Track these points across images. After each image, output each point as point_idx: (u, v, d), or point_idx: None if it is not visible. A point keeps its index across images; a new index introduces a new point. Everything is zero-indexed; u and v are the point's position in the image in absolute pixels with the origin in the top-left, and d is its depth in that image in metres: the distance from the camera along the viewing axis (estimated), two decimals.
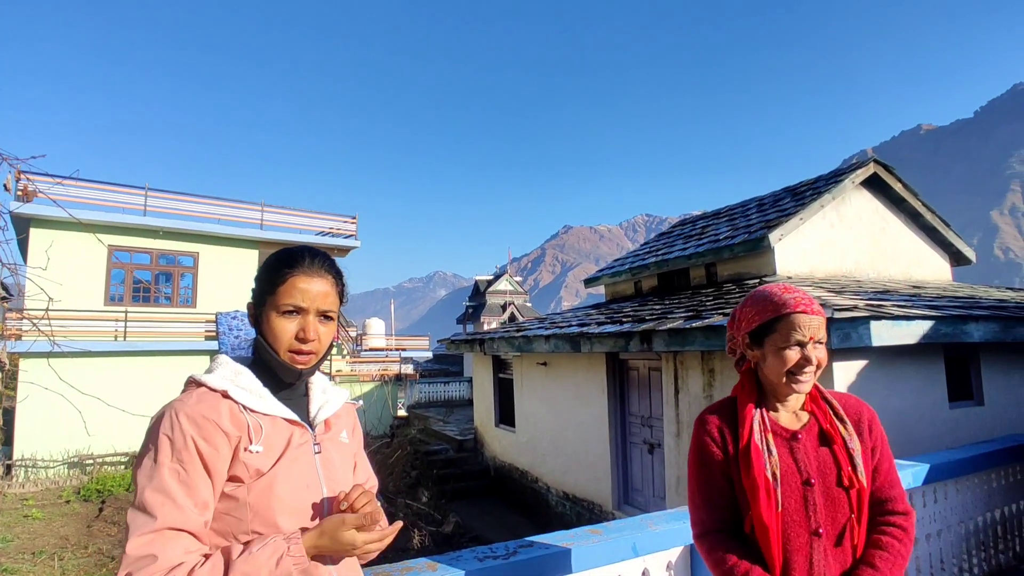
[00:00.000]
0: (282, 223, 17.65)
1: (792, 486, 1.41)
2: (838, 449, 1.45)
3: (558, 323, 9.26)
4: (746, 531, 1.44)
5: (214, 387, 1.13)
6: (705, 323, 5.42)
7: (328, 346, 1.25)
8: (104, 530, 9.84)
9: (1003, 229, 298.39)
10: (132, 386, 13.75)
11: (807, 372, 1.44)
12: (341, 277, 1.29)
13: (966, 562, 3.40)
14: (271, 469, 1.11)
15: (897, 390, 5.15)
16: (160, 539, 0.96)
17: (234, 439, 1.09)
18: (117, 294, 14.91)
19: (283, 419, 1.18)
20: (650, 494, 7.19)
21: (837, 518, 1.41)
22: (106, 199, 14.81)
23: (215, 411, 1.09)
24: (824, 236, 8.01)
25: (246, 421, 1.12)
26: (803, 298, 1.46)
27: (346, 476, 1.27)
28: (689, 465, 1.55)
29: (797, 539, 1.38)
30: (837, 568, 1.40)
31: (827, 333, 4.27)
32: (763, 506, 1.37)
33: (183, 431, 1.04)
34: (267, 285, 1.21)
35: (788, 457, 1.44)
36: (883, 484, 1.48)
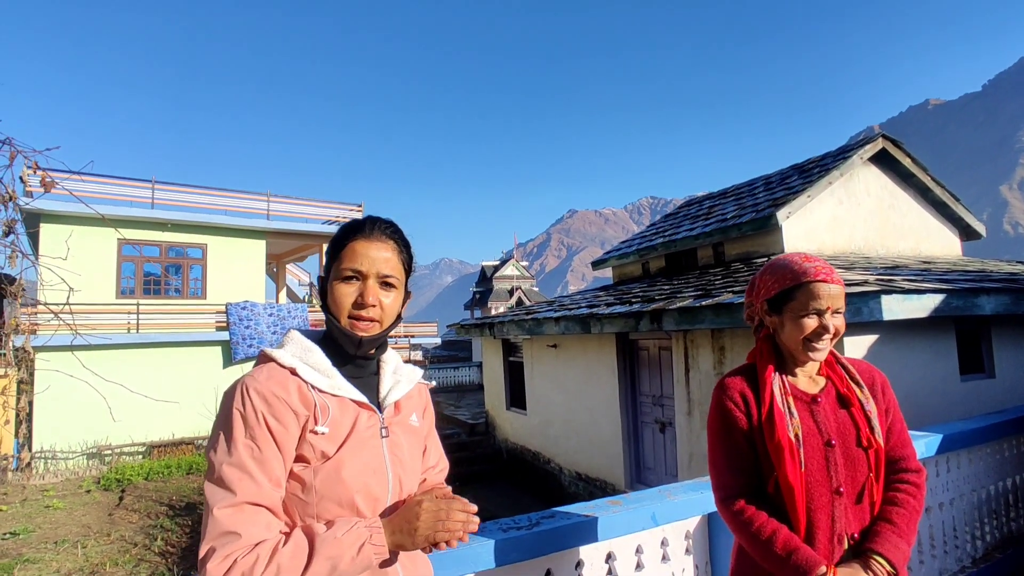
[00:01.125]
0: (289, 213, 17.69)
1: (814, 447, 1.45)
2: (856, 412, 1.49)
3: (567, 305, 9.29)
4: (769, 492, 1.48)
5: (283, 363, 1.12)
6: (715, 301, 5.44)
7: (395, 317, 1.22)
8: (125, 518, 10.01)
9: (1012, 203, 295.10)
10: (146, 378, 13.92)
11: (824, 340, 1.47)
12: (407, 245, 1.26)
13: (979, 530, 3.44)
14: (336, 453, 1.09)
15: (908, 363, 5.17)
16: (242, 514, 0.97)
17: (302, 418, 1.08)
18: (128, 287, 15.04)
19: (351, 400, 1.16)
20: (662, 472, 7.26)
21: (856, 477, 1.45)
22: (114, 192, 14.90)
23: (284, 388, 1.08)
24: (832, 213, 7.97)
25: (313, 400, 1.10)
26: (823, 267, 1.49)
27: (414, 462, 1.24)
28: (710, 431, 1.58)
29: (820, 498, 1.43)
30: (857, 525, 1.45)
31: None
32: (788, 467, 1.41)
33: (255, 408, 1.03)
34: (332, 255, 1.20)
35: (809, 419, 1.48)
36: (896, 444, 1.54)
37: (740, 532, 1.47)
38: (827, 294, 1.45)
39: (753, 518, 1.44)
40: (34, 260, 3.42)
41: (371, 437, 1.16)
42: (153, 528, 9.37)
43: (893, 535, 1.41)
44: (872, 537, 1.42)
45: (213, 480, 0.99)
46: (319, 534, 0.99)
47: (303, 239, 18.53)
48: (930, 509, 3.21)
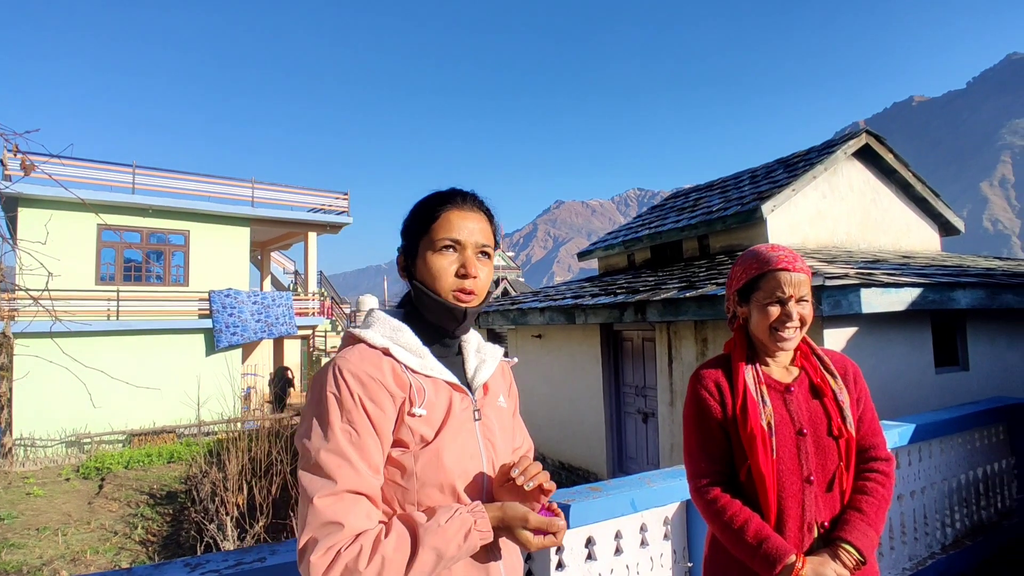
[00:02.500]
0: (273, 200, 17.50)
1: (786, 436, 1.47)
2: (828, 402, 1.52)
3: (552, 296, 9.33)
4: (741, 480, 1.50)
5: (375, 344, 1.07)
6: (698, 293, 5.49)
7: (488, 289, 1.18)
8: (105, 506, 9.94)
9: (992, 200, 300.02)
10: (127, 365, 13.78)
11: (789, 328, 1.49)
12: (493, 216, 1.22)
13: (949, 517, 3.54)
14: (436, 438, 1.05)
15: (886, 356, 5.26)
16: (342, 503, 0.92)
17: (399, 400, 1.03)
18: (108, 273, 14.82)
19: (444, 382, 1.11)
20: (644, 462, 7.34)
21: (827, 466, 1.48)
22: (94, 177, 14.64)
23: (379, 370, 1.03)
24: (816, 207, 8.06)
25: (408, 381, 1.05)
26: (787, 256, 1.52)
27: (506, 444, 1.20)
28: (685, 420, 1.60)
29: (791, 486, 1.45)
30: (827, 513, 1.47)
31: (818, 299, 4.31)
32: (760, 455, 1.43)
33: (351, 390, 0.98)
34: (420, 226, 1.14)
35: (782, 408, 1.50)
36: (867, 432, 1.56)
37: (713, 520, 1.49)
38: (790, 282, 1.49)
39: (726, 507, 1.46)
40: (13, 244, 3.37)
41: (467, 420, 1.12)
42: (133, 517, 9.31)
43: (862, 523, 1.44)
44: (841, 525, 1.45)
45: (309, 468, 0.95)
46: (421, 524, 0.95)
47: (288, 227, 18.36)
48: (902, 497, 3.29)
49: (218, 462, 8.73)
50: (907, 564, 3.25)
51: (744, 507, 1.46)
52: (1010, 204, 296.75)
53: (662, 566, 2.31)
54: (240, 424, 11.43)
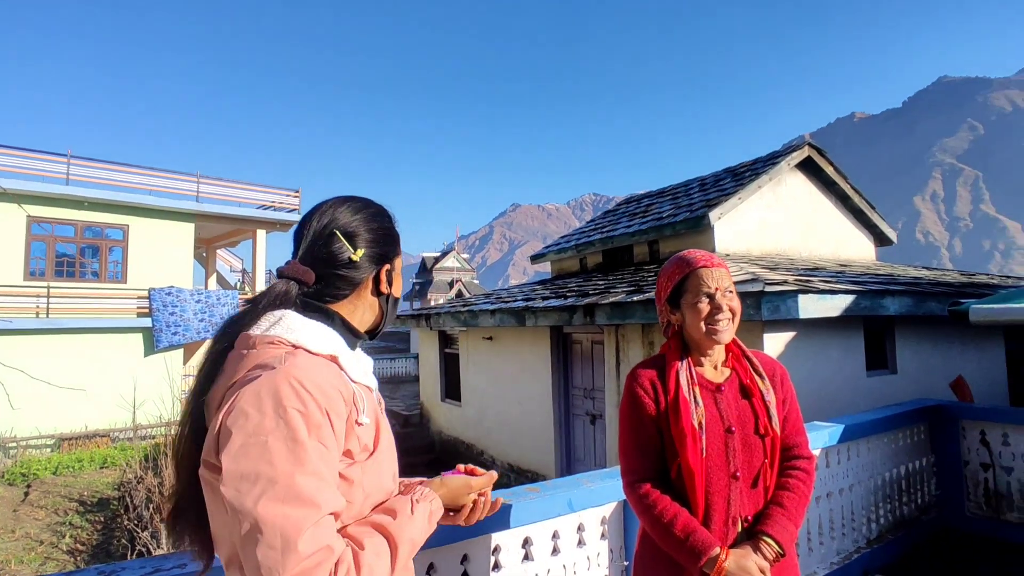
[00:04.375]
0: (220, 196, 16.91)
1: (716, 434, 1.52)
2: (756, 401, 1.58)
3: (504, 298, 9.34)
4: (672, 476, 1.55)
5: (320, 351, 1.00)
6: (646, 296, 5.60)
7: None
8: (31, 514, 9.38)
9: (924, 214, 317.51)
10: (57, 366, 13.06)
11: (721, 320, 1.55)
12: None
13: (874, 513, 3.70)
14: (377, 445, 1.04)
15: (822, 359, 5.48)
16: (328, 528, 0.86)
17: (349, 410, 0.98)
18: (38, 268, 14.01)
19: (365, 385, 1.10)
20: (592, 463, 7.42)
21: (753, 463, 1.54)
22: (24, 166, 13.81)
23: (337, 379, 0.97)
24: (761, 216, 8.34)
25: (352, 389, 1.01)
26: (703, 256, 1.61)
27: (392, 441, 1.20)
28: (621, 417, 1.63)
29: (718, 482, 1.50)
30: (752, 507, 1.53)
31: (758, 304, 4.43)
32: (690, 452, 1.48)
33: (317, 403, 0.89)
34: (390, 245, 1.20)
35: (713, 407, 1.55)
36: (791, 432, 1.63)
37: (644, 515, 1.53)
38: (711, 276, 1.57)
39: (656, 502, 1.50)
40: None
41: (385, 419, 1.14)
42: (61, 525, 8.83)
43: (783, 518, 1.51)
44: (764, 520, 1.51)
45: (281, 498, 0.82)
46: (391, 523, 0.96)
47: (236, 224, 17.77)
48: (831, 494, 3.42)
49: (155, 467, 8.37)
50: (835, 559, 3.39)
51: (673, 502, 1.50)
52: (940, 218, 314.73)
53: (599, 565, 2.33)
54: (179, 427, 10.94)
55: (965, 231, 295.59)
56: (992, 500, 4.01)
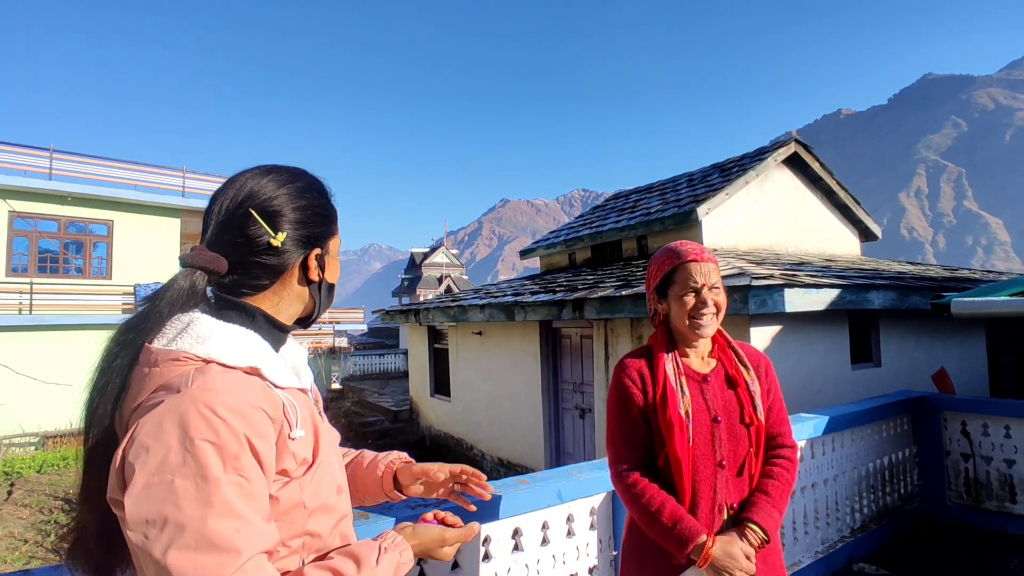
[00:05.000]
0: (207, 191, 16.75)
1: (702, 423, 1.55)
2: (741, 392, 1.60)
3: (493, 293, 9.35)
4: (659, 465, 1.57)
5: (236, 364, 0.85)
6: (634, 291, 5.63)
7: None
8: (15, 513, 9.28)
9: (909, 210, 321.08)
10: (41, 363, 12.89)
11: (705, 315, 1.57)
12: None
13: (858, 503, 3.77)
14: (316, 456, 0.92)
15: (808, 352, 5.55)
16: (252, 571, 0.74)
17: (277, 427, 0.85)
18: (20, 264, 13.82)
19: (298, 389, 0.96)
20: (581, 457, 7.46)
21: (738, 451, 1.56)
22: (5, 160, 13.60)
23: (256, 395, 0.83)
24: (748, 211, 8.40)
25: (281, 401, 0.87)
26: (694, 249, 1.61)
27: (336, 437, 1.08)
28: (609, 407, 1.65)
29: (704, 470, 1.53)
30: (737, 495, 1.56)
31: (745, 298, 4.46)
32: (677, 442, 1.50)
33: (233, 431, 0.77)
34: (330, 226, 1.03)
35: (699, 397, 1.58)
36: (775, 421, 1.66)
37: (631, 504, 1.55)
38: (699, 271, 1.58)
39: (644, 490, 1.53)
40: None
41: (326, 425, 1.01)
42: (46, 524, 8.74)
43: (767, 505, 1.53)
44: (749, 507, 1.54)
45: (192, 546, 0.71)
46: (353, 573, 0.85)
47: None
48: (816, 485, 3.48)
49: None
50: (819, 547, 3.44)
51: (661, 491, 1.52)
52: (924, 214, 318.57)
53: (588, 555, 2.35)
54: None
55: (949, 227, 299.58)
56: (972, 489, 4.09)
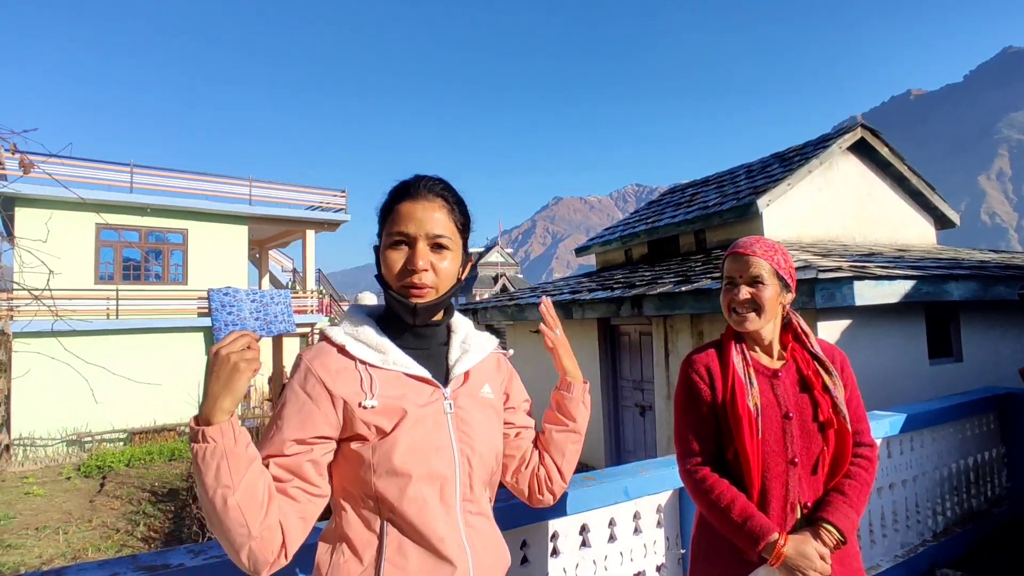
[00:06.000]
0: (271, 198, 17.50)
1: (772, 418, 1.52)
2: (817, 391, 1.55)
3: (549, 291, 9.37)
4: (728, 459, 1.56)
5: (334, 341, 1.12)
6: (694, 287, 5.53)
7: (454, 280, 1.16)
8: (107, 504, 9.98)
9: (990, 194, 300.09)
10: (127, 364, 13.77)
11: (742, 310, 1.56)
12: (459, 202, 1.18)
13: (940, 506, 3.59)
14: (394, 429, 1.06)
15: (880, 348, 5.31)
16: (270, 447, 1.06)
17: (339, 398, 1.06)
18: (107, 273, 14.84)
19: (405, 374, 1.12)
20: (642, 455, 7.40)
21: (812, 449, 1.53)
22: (92, 176, 14.63)
23: (325, 368, 1.08)
24: (812, 201, 8.10)
25: (360, 376, 1.08)
26: (743, 242, 1.60)
27: (487, 435, 1.18)
28: (676, 403, 1.66)
29: (775, 467, 1.51)
30: (811, 494, 1.53)
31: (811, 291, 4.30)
32: (746, 436, 1.49)
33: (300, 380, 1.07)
34: (380, 221, 1.16)
35: (769, 392, 1.55)
36: (852, 419, 1.60)
37: (700, 499, 1.55)
38: (737, 263, 1.57)
39: (713, 486, 1.52)
40: (13, 243, 3.40)
41: (432, 412, 1.11)
42: (135, 514, 9.35)
43: (844, 505, 1.49)
44: (824, 506, 1.50)
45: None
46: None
47: (286, 225, 18.37)
48: (894, 485, 3.34)
49: None
50: (899, 551, 3.30)
51: (730, 486, 1.51)
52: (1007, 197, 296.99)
53: (655, 553, 2.35)
54: (241, 422, 11.44)
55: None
56: None
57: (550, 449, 1.35)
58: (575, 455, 1.38)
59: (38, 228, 12.77)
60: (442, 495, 1.09)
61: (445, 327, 1.24)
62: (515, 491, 1.37)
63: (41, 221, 12.67)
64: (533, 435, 1.39)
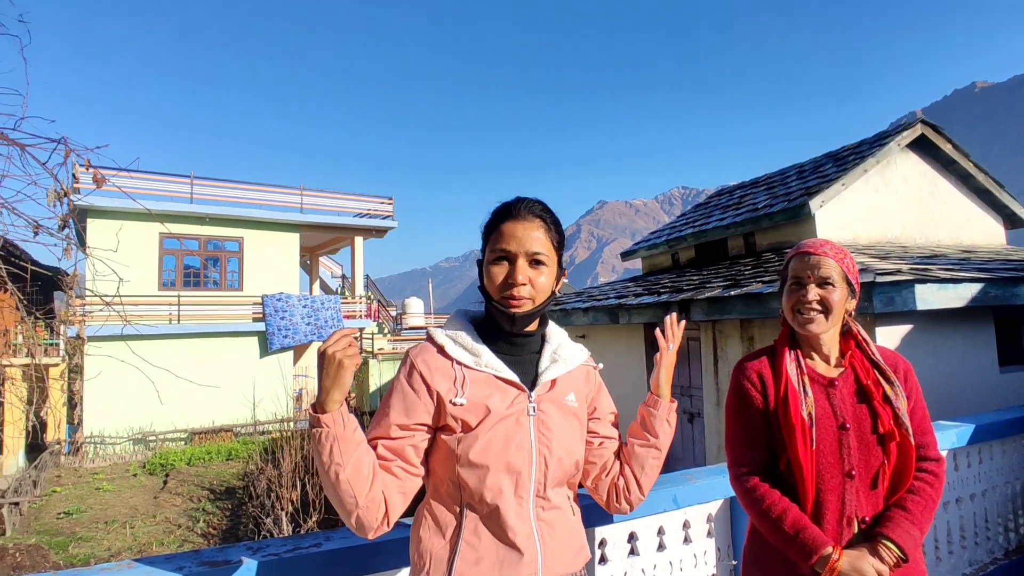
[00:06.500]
0: (321, 206, 18.03)
1: (827, 428, 1.47)
2: (877, 404, 1.48)
3: (595, 296, 9.31)
4: (781, 469, 1.51)
5: (435, 341, 1.26)
6: (743, 291, 5.41)
7: (549, 293, 1.28)
8: (169, 501, 10.46)
9: None
10: (187, 367, 14.41)
11: (810, 311, 1.50)
12: (556, 223, 1.31)
13: (1012, 522, 3.39)
14: (478, 425, 1.19)
15: (944, 355, 5.07)
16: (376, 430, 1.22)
17: (435, 390, 1.20)
18: (169, 280, 15.59)
19: (495, 376, 1.23)
20: (691, 463, 7.26)
21: (871, 462, 1.46)
22: (155, 188, 15.41)
23: (426, 365, 1.22)
24: (868, 201, 7.79)
25: (455, 375, 1.22)
26: (812, 242, 1.55)
27: (567, 440, 1.28)
28: (727, 410, 1.63)
29: (831, 479, 1.45)
30: (870, 509, 1.46)
31: (869, 295, 4.15)
32: (799, 445, 1.43)
33: (406, 373, 1.23)
34: (484, 237, 1.29)
35: (824, 402, 1.50)
36: (916, 431, 1.51)
37: (752, 508, 1.51)
38: (808, 263, 1.51)
39: (765, 495, 1.47)
40: (88, 253, 3.62)
41: (518, 413, 1.22)
42: (195, 511, 9.76)
43: (905, 521, 1.41)
44: (884, 522, 1.43)
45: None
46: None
47: (336, 232, 18.87)
48: (960, 500, 3.18)
49: (273, 460, 9.07)
50: (967, 569, 3.14)
51: (783, 497, 1.46)
52: None
53: (706, 563, 2.31)
54: (292, 424, 11.85)
55: None
56: None
57: (631, 461, 1.44)
58: (655, 470, 1.45)
59: (108, 238, 13.51)
60: (517, 488, 1.20)
61: (539, 337, 1.36)
62: (594, 495, 1.48)
63: (110, 231, 13.40)
64: (616, 446, 1.48)
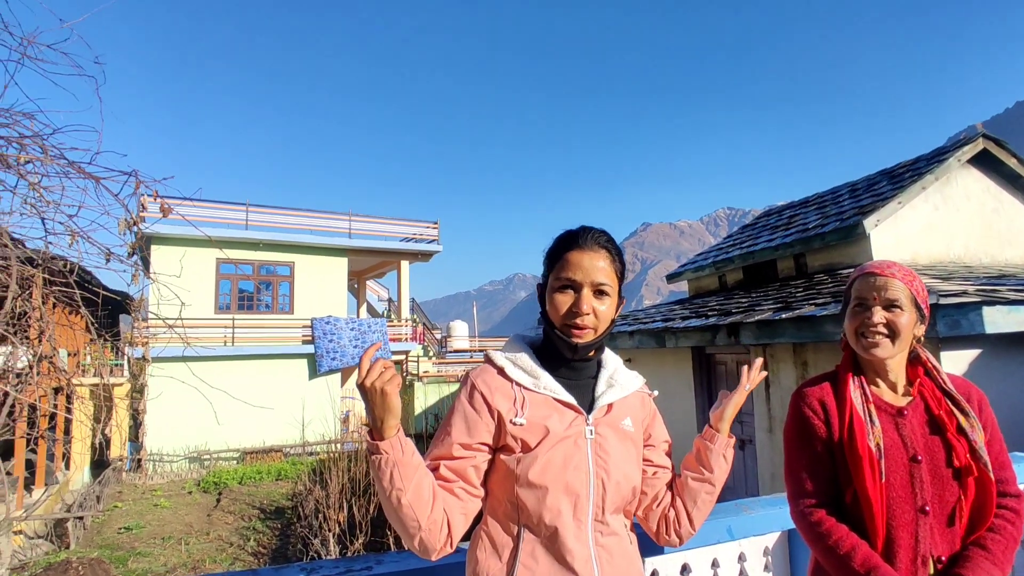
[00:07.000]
0: (369, 231, 18.49)
1: (897, 461, 1.39)
2: (951, 435, 1.41)
3: (641, 319, 9.20)
4: (847, 502, 1.44)
5: (495, 363, 1.29)
6: (796, 314, 5.25)
7: (610, 322, 1.29)
8: (222, 519, 10.72)
9: None
10: (240, 388, 14.90)
11: (875, 335, 1.43)
12: (619, 253, 1.32)
13: None
14: (537, 446, 1.19)
15: (1017, 381, 4.77)
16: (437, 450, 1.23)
17: (496, 411, 1.21)
18: (225, 303, 16.21)
19: (554, 399, 1.25)
20: (743, 491, 7.01)
21: (946, 497, 1.38)
22: (213, 216, 16.15)
23: (487, 385, 1.24)
24: (926, 220, 7.49)
25: (515, 396, 1.23)
26: (878, 264, 1.49)
27: (624, 464, 1.27)
28: (786, 439, 1.56)
29: (903, 515, 1.37)
30: (946, 548, 1.37)
31: (933, 319, 3.98)
32: (867, 478, 1.36)
33: (468, 392, 1.24)
34: (549, 265, 1.31)
35: (893, 432, 1.43)
36: (994, 465, 1.42)
37: (816, 544, 1.43)
38: (874, 285, 1.45)
39: (831, 530, 1.40)
40: (153, 278, 3.82)
41: (576, 435, 1.23)
42: (247, 529, 9.97)
43: (986, 562, 1.33)
44: (962, 562, 1.34)
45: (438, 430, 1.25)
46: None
47: (382, 256, 19.30)
48: None
49: (321, 481, 9.20)
50: None
51: (851, 532, 1.39)
52: None
53: None
54: (340, 445, 12.03)
55: None
56: None
57: (683, 494, 1.41)
58: (708, 505, 1.41)
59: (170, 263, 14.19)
60: (575, 511, 1.19)
61: (596, 362, 1.36)
62: (643, 525, 1.44)
63: (173, 257, 14.08)
64: (669, 476, 1.45)
